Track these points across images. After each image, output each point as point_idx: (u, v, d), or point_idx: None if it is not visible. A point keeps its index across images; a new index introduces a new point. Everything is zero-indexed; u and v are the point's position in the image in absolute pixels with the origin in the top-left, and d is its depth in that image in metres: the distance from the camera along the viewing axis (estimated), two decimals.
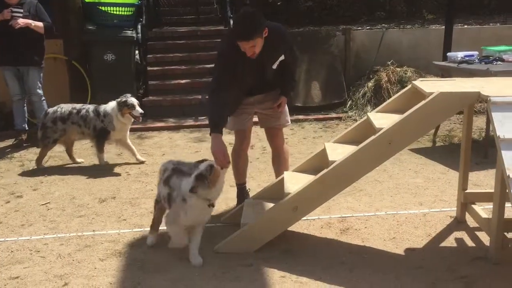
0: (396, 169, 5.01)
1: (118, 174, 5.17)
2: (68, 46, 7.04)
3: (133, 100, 5.24)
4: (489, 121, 4.84)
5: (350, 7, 9.92)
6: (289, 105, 7.82)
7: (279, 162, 4.02)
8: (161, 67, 8.07)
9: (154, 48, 8.36)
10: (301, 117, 7.19)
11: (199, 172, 3.08)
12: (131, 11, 7.21)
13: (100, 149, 5.42)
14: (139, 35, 7.56)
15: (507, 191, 2.67)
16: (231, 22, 7.97)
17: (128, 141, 5.52)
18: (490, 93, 3.00)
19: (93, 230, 3.85)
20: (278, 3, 9.86)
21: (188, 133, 6.78)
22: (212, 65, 3.85)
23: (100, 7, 7.05)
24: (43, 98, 6.25)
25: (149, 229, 3.60)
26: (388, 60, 7.60)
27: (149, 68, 7.97)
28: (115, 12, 7.08)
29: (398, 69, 7.48)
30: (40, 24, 6.02)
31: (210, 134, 3.37)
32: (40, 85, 6.19)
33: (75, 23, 7.11)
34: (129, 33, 7.15)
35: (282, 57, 3.63)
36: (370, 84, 7.48)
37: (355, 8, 9.92)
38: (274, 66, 3.62)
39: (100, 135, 5.34)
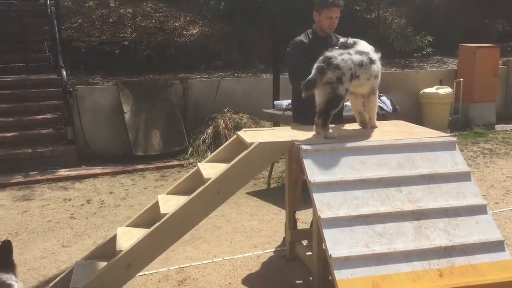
0: (234, 213, 5.19)
1: None
2: None
3: None
4: None
5: (189, 56, 10.25)
6: (130, 154, 7.60)
7: None
8: None
9: None
10: (141, 166, 7.09)
11: None
12: None
13: None
14: None
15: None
16: (63, 72, 7.66)
17: None
18: (302, 141, 3.33)
19: None
20: (116, 51, 9.78)
21: (16, 191, 6.20)
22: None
23: None
24: None
25: None
26: (225, 107, 7.96)
27: None
28: None
29: (235, 115, 7.87)
30: None
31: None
32: None
33: None
34: None
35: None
36: (209, 130, 7.73)
37: (194, 57, 10.27)
38: None
39: None
